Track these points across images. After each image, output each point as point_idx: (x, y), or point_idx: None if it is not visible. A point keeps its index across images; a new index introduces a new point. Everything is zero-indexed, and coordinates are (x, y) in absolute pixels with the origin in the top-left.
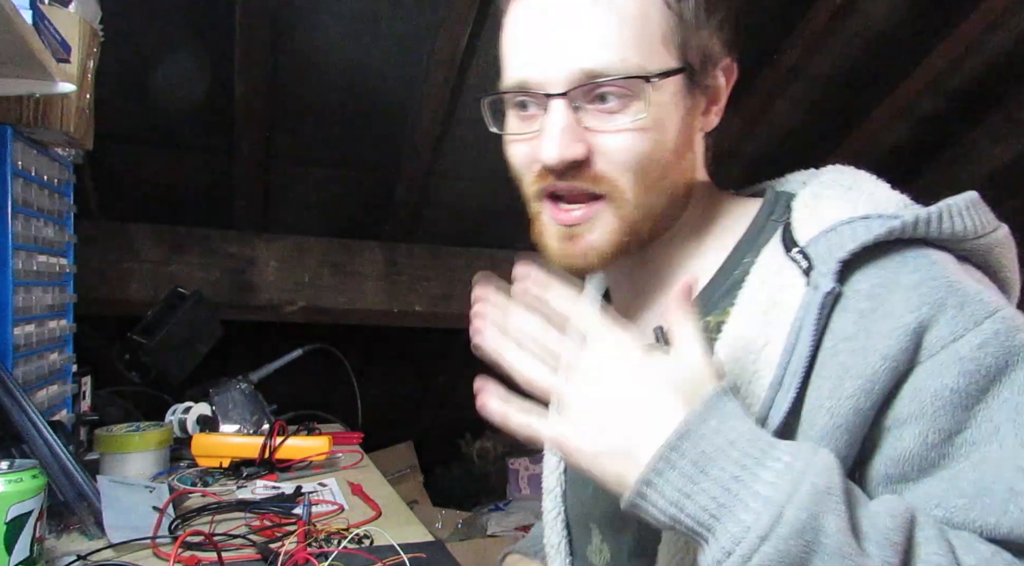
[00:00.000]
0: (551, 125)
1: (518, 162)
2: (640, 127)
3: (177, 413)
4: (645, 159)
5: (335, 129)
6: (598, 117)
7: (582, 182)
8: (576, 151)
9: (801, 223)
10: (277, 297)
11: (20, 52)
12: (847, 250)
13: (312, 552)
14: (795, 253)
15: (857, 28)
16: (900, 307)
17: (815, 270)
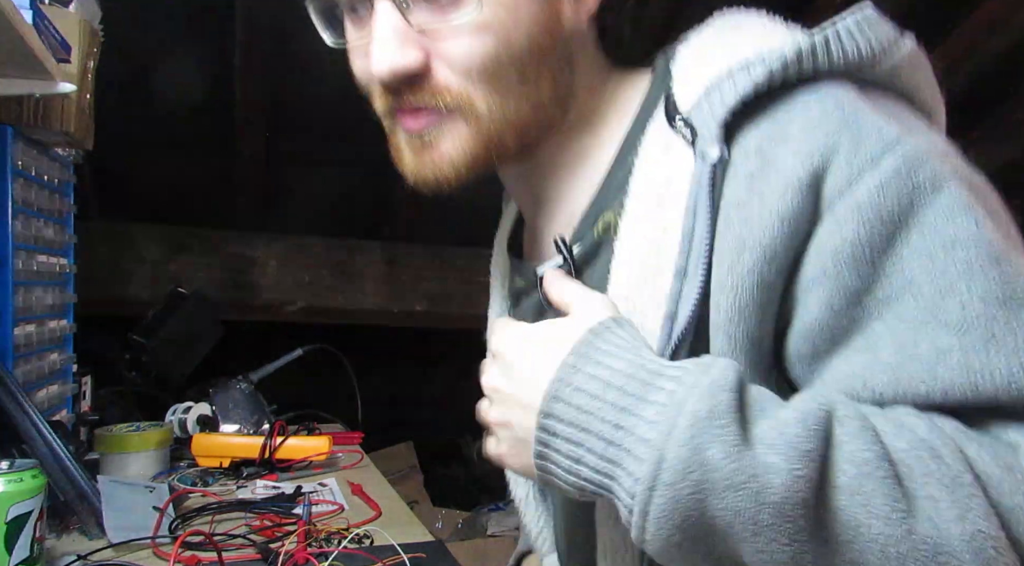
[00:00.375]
0: (378, 30)
1: (360, 77)
2: (479, 24)
3: (177, 413)
4: (491, 61)
5: (335, 129)
6: (428, 14)
7: (424, 97)
8: (408, 58)
9: (682, 86)
10: (277, 297)
11: (20, 52)
12: (726, 107)
13: (312, 552)
14: (678, 123)
15: None
16: (790, 160)
17: (700, 137)
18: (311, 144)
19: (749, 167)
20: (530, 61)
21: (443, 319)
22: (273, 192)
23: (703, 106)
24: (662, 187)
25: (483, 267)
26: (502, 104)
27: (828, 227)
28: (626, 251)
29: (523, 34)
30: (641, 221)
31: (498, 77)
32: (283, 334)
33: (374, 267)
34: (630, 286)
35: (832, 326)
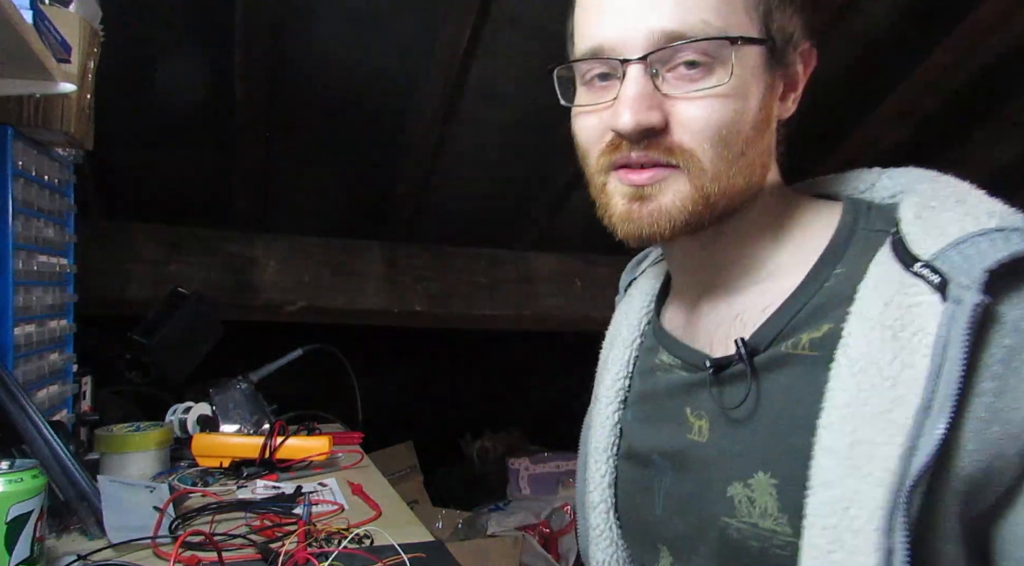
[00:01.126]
0: (627, 90)
1: (587, 135)
2: (722, 93)
3: (177, 413)
4: (725, 129)
5: (335, 129)
6: (677, 84)
7: (656, 152)
8: (653, 118)
9: (917, 236)
10: (277, 297)
11: (20, 52)
12: (993, 259)
13: (312, 552)
14: (920, 268)
15: (857, 28)
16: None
17: (953, 282)
18: (311, 144)
19: (1006, 341)
20: (751, 138)
21: (443, 319)
22: (273, 192)
23: (952, 256)
24: (898, 326)
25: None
26: (724, 169)
27: None
28: (850, 381)
29: (752, 110)
30: (869, 354)
31: (726, 144)
32: (283, 334)
33: (374, 267)
34: (859, 416)
35: None
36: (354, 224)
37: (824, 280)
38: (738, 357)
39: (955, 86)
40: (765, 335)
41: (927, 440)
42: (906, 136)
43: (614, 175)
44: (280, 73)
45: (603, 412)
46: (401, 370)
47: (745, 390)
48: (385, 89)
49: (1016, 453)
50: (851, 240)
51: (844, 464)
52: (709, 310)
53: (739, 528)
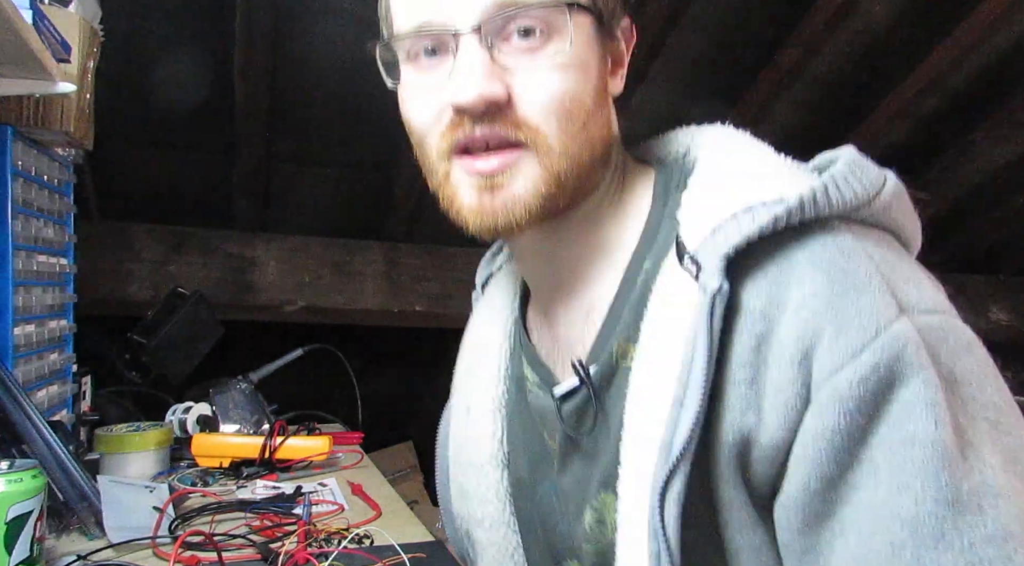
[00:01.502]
0: (464, 61)
1: (423, 117)
2: (562, 63)
3: (177, 413)
4: (569, 100)
5: (335, 129)
6: (515, 55)
7: (501, 128)
8: (496, 89)
9: (689, 226)
10: (277, 297)
11: (20, 52)
12: (730, 244)
13: (312, 552)
14: (687, 262)
15: (857, 28)
16: (786, 334)
17: (703, 271)
18: (311, 144)
19: (756, 328)
20: (592, 111)
21: (443, 319)
22: (273, 192)
23: (707, 245)
24: (672, 323)
25: None
26: (570, 143)
27: (813, 411)
28: (637, 386)
29: (593, 81)
30: (651, 356)
31: (570, 117)
32: (283, 334)
33: (374, 267)
34: (639, 419)
35: (807, 505)
36: (354, 224)
37: (637, 275)
38: (580, 380)
39: (955, 86)
40: (601, 344)
41: (679, 434)
42: (906, 136)
43: (458, 163)
44: (280, 73)
45: (481, 422)
46: (401, 370)
47: (592, 414)
48: (385, 89)
49: (767, 443)
50: (660, 226)
51: (630, 470)
52: (563, 309)
53: (596, 552)
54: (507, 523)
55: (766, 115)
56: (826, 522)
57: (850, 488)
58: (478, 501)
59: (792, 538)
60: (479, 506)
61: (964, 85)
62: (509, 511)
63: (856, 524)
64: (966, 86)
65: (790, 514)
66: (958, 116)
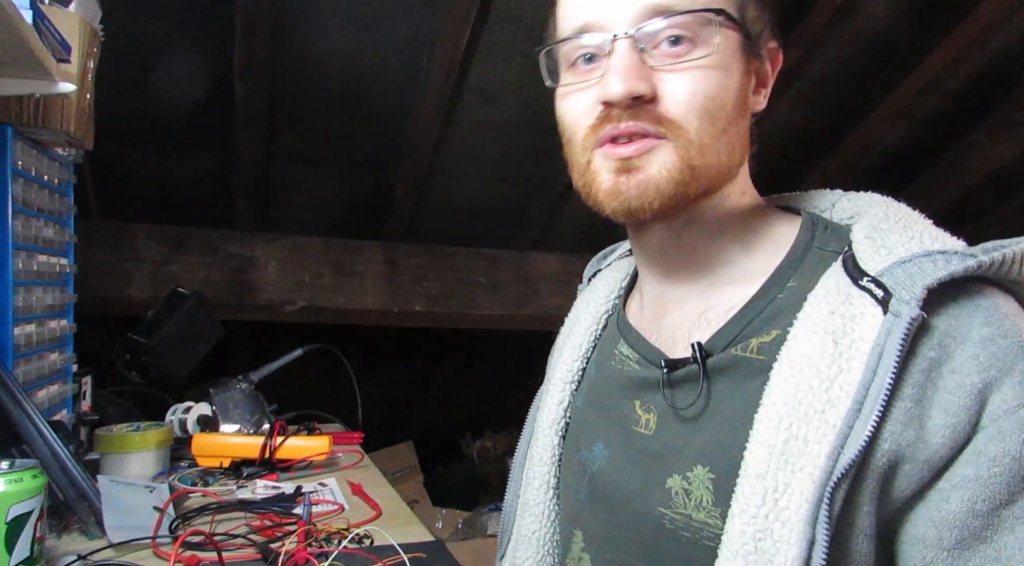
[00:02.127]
0: (616, 61)
1: (574, 113)
2: (707, 65)
3: (177, 413)
4: (711, 101)
5: (335, 129)
6: (663, 59)
7: (645, 122)
8: (641, 86)
9: (867, 254)
10: (277, 297)
11: (20, 52)
12: (934, 278)
13: (312, 552)
14: (866, 282)
15: (857, 28)
16: (968, 364)
17: (895, 298)
18: (311, 144)
19: (930, 354)
20: (732, 116)
21: (443, 319)
22: (273, 192)
23: (896, 273)
24: (840, 333)
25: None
26: (710, 141)
27: (991, 436)
28: (789, 381)
29: (735, 87)
30: (810, 357)
31: (711, 117)
32: (283, 334)
33: (374, 267)
34: (794, 413)
35: (965, 525)
36: (354, 224)
37: (778, 292)
38: (692, 359)
39: (955, 86)
40: (721, 339)
41: (854, 440)
42: (906, 136)
43: (599, 151)
44: (280, 73)
45: (554, 392)
46: (401, 370)
47: (696, 392)
48: (385, 89)
49: (924, 460)
50: (806, 256)
51: (778, 458)
52: (677, 304)
53: (672, 518)
54: (552, 485)
55: (766, 115)
56: (980, 546)
57: (1016, 518)
58: (536, 461)
59: (938, 556)
60: (536, 466)
61: (964, 85)
62: (553, 473)
63: (1018, 555)
64: (966, 86)
65: (944, 531)
66: (958, 116)
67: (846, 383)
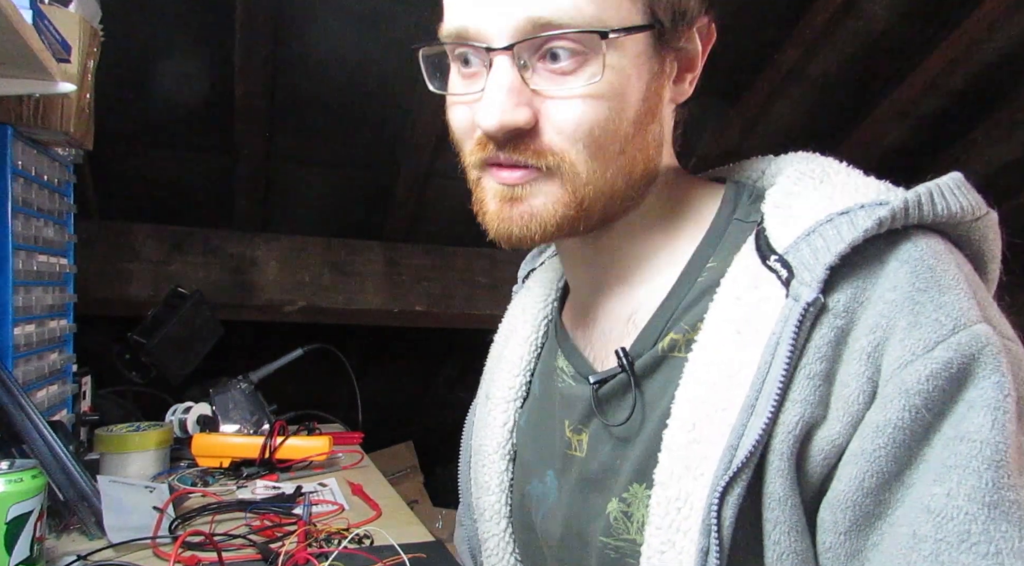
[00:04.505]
0: (492, 86)
1: (458, 127)
2: (595, 93)
3: (177, 413)
4: (600, 131)
5: (335, 129)
6: (547, 78)
7: (525, 155)
8: (519, 116)
9: (776, 227)
10: (277, 297)
11: (20, 52)
12: (835, 252)
13: (312, 552)
14: (773, 262)
15: (857, 28)
16: (861, 327)
17: (796, 278)
18: (311, 144)
19: (837, 322)
20: (632, 134)
21: (443, 319)
22: (273, 192)
23: (802, 248)
24: (743, 322)
25: (483, 267)
26: (600, 172)
27: (877, 405)
28: (696, 380)
29: (632, 107)
30: (716, 352)
31: (601, 145)
32: (283, 334)
33: (374, 267)
34: (696, 414)
35: (859, 504)
36: (354, 224)
37: (697, 275)
38: (620, 368)
39: (955, 86)
40: (647, 339)
41: (747, 440)
42: (906, 136)
43: (486, 173)
44: (280, 73)
45: (496, 412)
46: (401, 370)
47: (630, 405)
48: (385, 89)
49: (829, 440)
50: (726, 231)
51: (679, 463)
52: (604, 310)
53: (617, 546)
54: (505, 515)
55: (766, 115)
56: (876, 524)
57: (905, 488)
58: (484, 490)
59: (837, 540)
60: (484, 495)
61: (964, 85)
62: (505, 502)
63: (913, 527)
64: (966, 86)
65: (837, 514)
66: (958, 116)
67: (746, 378)
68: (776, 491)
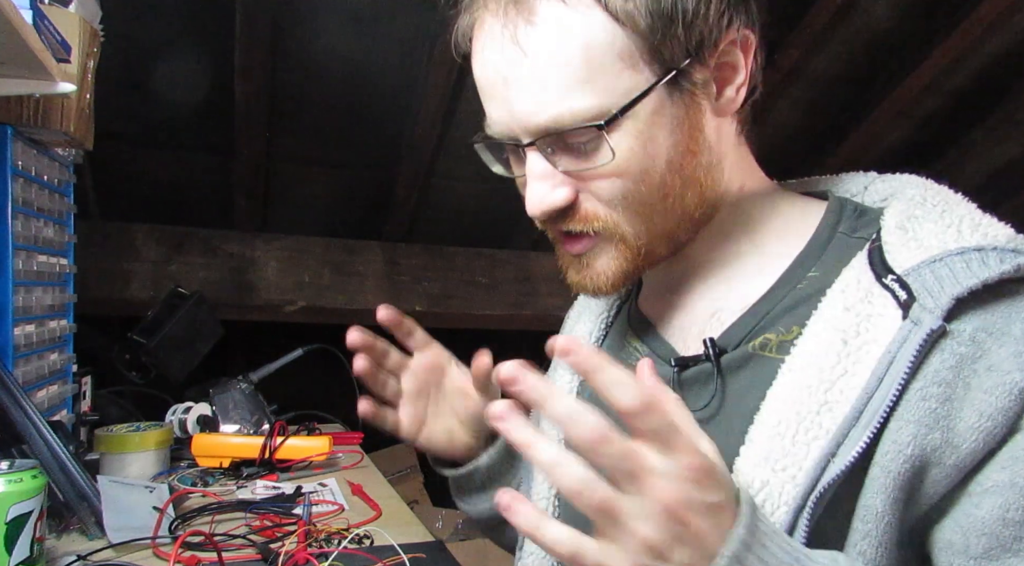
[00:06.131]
0: (529, 175)
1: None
2: (613, 171)
3: (177, 413)
4: (631, 196)
5: (335, 129)
6: (573, 161)
7: (576, 225)
8: (557, 197)
9: (896, 247)
10: (277, 297)
11: (20, 52)
12: (965, 286)
13: (312, 552)
14: (890, 281)
15: (857, 28)
16: (1008, 362)
17: (918, 303)
18: (311, 144)
19: (960, 350)
20: (671, 182)
21: (443, 319)
22: (273, 192)
23: (925, 274)
24: (852, 332)
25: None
26: (646, 225)
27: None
28: (791, 378)
29: (661, 165)
30: (818, 352)
31: (640, 204)
32: (283, 334)
33: (374, 267)
34: (785, 410)
35: (995, 534)
36: (354, 224)
37: (797, 282)
38: (705, 357)
39: (955, 86)
40: (735, 335)
41: (847, 448)
42: (906, 136)
43: (559, 242)
44: (280, 73)
45: (562, 382)
46: None
47: (711, 392)
48: (385, 89)
49: (953, 464)
50: (830, 243)
51: (758, 454)
52: (683, 305)
53: None
54: None
55: (766, 115)
56: (1009, 558)
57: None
58: None
59: (963, 563)
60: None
61: (964, 85)
62: None
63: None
64: (966, 86)
65: (971, 538)
66: (958, 116)
67: (848, 387)
68: (875, 506)
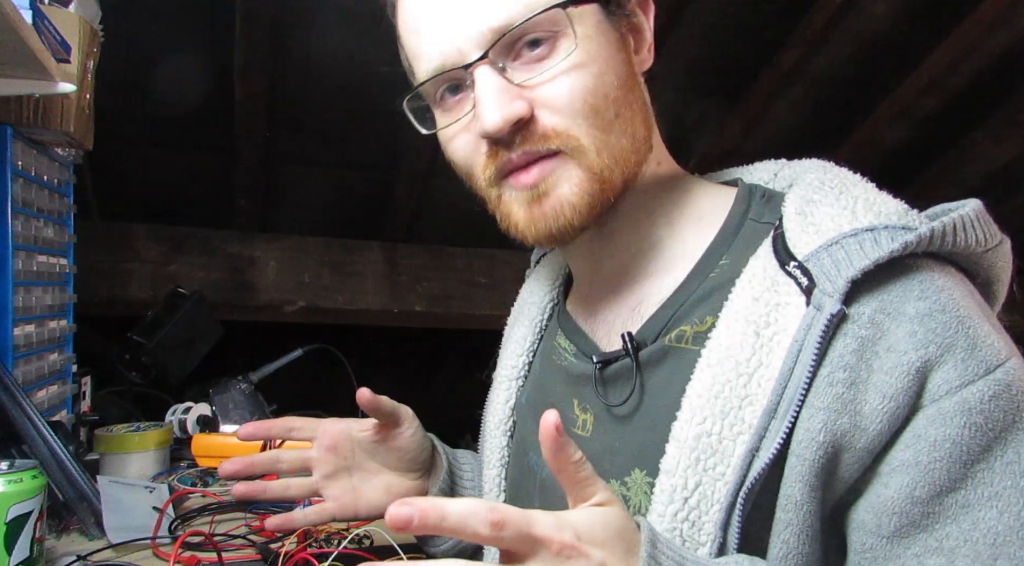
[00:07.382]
0: (482, 92)
1: (463, 153)
2: (575, 64)
3: (177, 413)
4: (591, 97)
5: (335, 129)
6: (527, 69)
7: (533, 144)
8: (518, 107)
9: (796, 233)
10: (277, 297)
11: (20, 52)
12: (857, 268)
13: (312, 552)
14: (792, 268)
15: (857, 28)
16: (904, 341)
17: (818, 289)
18: (311, 144)
19: (861, 333)
20: (620, 97)
21: (443, 319)
22: (273, 192)
23: (823, 259)
24: (763, 323)
25: (483, 267)
26: (605, 139)
27: (931, 419)
28: (710, 375)
29: (612, 71)
30: (733, 345)
31: (597, 112)
32: (283, 334)
33: (374, 267)
34: (709, 408)
35: (906, 512)
36: (354, 224)
37: (710, 271)
38: (624, 352)
39: (955, 86)
40: (653, 327)
41: (769, 441)
42: (906, 136)
43: (505, 184)
44: (280, 73)
45: (499, 390)
46: (401, 370)
47: (630, 387)
48: (385, 89)
49: (863, 447)
50: (740, 230)
51: (687, 455)
52: (607, 300)
53: None
54: (503, 488)
55: (766, 115)
56: (921, 534)
57: (960, 507)
58: (487, 464)
59: (878, 542)
60: (487, 469)
61: (964, 85)
62: (504, 476)
63: (969, 547)
64: (966, 86)
65: (883, 518)
66: (958, 116)
67: (764, 379)
68: (794, 495)
